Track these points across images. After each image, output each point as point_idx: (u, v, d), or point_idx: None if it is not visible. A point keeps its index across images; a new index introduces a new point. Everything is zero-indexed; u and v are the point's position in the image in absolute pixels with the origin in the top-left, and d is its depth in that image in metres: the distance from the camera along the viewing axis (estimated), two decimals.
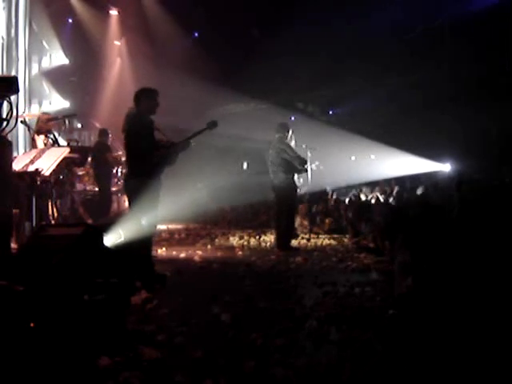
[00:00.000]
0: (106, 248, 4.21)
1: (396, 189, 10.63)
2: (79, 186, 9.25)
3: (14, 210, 5.23)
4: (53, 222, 6.47)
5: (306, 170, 8.04)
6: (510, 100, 10.91)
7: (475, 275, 4.14)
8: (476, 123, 11.53)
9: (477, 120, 11.48)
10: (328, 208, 10.64)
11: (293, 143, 7.93)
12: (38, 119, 7.34)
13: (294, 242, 8.11)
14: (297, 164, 7.67)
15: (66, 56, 13.75)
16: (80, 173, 9.21)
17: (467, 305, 3.78)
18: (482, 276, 4.12)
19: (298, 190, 8.05)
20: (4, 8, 10.50)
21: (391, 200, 9.42)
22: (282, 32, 13.16)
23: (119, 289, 3.57)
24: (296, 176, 7.82)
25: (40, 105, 12.82)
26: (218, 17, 14.07)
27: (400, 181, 11.64)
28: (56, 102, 13.46)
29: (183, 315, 3.88)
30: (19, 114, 5.19)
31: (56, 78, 13.48)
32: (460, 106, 12.19)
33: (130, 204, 5.33)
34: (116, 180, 9.66)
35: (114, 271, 3.68)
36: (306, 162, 7.88)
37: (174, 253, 7.44)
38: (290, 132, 7.89)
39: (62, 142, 7.90)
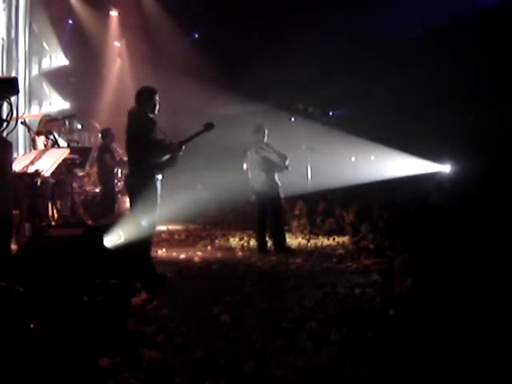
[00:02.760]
0: (106, 249, 4.21)
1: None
2: (79, 187, 9.25)
3: (14, 211, 5.24)
4: (53, 222, 6.47)
5: (287, 167, 7.86)
6: (511, 100, 10.90)
7: (475, 276, 4.14)
8: (476, 124, 11.52)
9: (477, 120, 11.47)
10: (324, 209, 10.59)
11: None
12: (40, 121, 7.35)
13: (293, 243, 8.12)
14: (277, 160, 7.57)
15: (66, 57, 13.75)
16: (80, 174, 9.20)
17: (467, 305, 3.78)
18: (481, 277, 4.12)
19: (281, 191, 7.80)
20: (4, 9, 10.50)
21: None
22: (282, 32, 13.17)
23: (119, 290, 3.56)
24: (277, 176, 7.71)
25: (40, 106, 12.82)
26: (218, 17, 14.07)
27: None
28: (56, 103, 13.47)
29: (183, 316, 3.88)
30: (19, 114, 5.20)
31: (56, 78, 13.48)
32: (460, 106, 12.18)
33: (130, 203, 5.34)
34: (116, 181, 9.65)
35: (114, 272, 3.68)
36: (286, 158, 7.69)
37: (174, 254, 7.44)
38: (266, 131, 7.77)
39: (62, 142, 7.90)
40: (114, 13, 14.66)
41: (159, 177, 5.28)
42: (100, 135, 9.46)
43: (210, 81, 13.90)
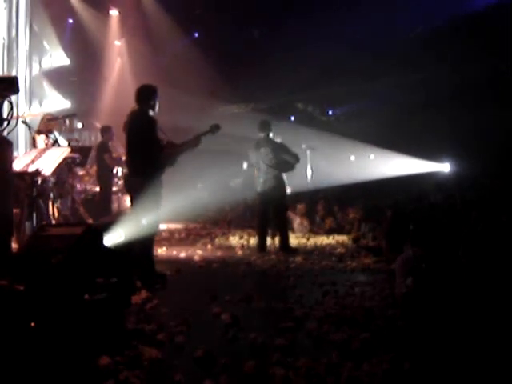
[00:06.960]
0: (107, 248, 4.22)
1: None
2: (80, 186, 9.25)
3: (14, 210, 5.24)
4: (53, 221, 6.48)
5: (294, 168, 7.73)
6: (511, 100, 10.91)
7: (475, 274, 4.15)
8: (476, 123, 11.53)
9: (477, 120, 11.48)
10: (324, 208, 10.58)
11: None
12: (41, 119, 7.36)
13: (293, 242, 8.11)
14: (287, 159, 7.47)
15: (67, 56, 13.75)
16: (80, 173, 9.21)
17: (467, 305, 3.79)
18: (482, 275, 4.12)
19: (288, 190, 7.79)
20: (5, 8, 10.52)
21: None
22: (281, 32, 13.17)
23: (119, 288, 3.57)
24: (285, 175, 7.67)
25: (40, 105, 12.82)
26: (218, 17, 14.08)
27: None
28: (57, 102, 13.45)
29: (183, 315, 3.88)
30: (20, 114, 5.20)
31: (57, 78, 13.48)
32: (460, 106, 12.19)
33: (132, 202, 5.34)
34: (116, 180, 9.66)
35: (114, 271, 3.69)
36: (297, 158, 7.59)
37: (174, 252, 7.44)
38: (272, 128, 7.68)
39: (62, 141, 7.90)
40: (114, 12, 14.68)
41: (160, 176, 5.28)
42: (100, 133, 9.48)
43: (209, 80, 13.90)
